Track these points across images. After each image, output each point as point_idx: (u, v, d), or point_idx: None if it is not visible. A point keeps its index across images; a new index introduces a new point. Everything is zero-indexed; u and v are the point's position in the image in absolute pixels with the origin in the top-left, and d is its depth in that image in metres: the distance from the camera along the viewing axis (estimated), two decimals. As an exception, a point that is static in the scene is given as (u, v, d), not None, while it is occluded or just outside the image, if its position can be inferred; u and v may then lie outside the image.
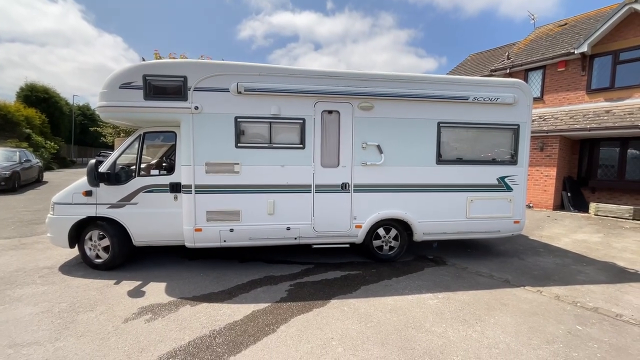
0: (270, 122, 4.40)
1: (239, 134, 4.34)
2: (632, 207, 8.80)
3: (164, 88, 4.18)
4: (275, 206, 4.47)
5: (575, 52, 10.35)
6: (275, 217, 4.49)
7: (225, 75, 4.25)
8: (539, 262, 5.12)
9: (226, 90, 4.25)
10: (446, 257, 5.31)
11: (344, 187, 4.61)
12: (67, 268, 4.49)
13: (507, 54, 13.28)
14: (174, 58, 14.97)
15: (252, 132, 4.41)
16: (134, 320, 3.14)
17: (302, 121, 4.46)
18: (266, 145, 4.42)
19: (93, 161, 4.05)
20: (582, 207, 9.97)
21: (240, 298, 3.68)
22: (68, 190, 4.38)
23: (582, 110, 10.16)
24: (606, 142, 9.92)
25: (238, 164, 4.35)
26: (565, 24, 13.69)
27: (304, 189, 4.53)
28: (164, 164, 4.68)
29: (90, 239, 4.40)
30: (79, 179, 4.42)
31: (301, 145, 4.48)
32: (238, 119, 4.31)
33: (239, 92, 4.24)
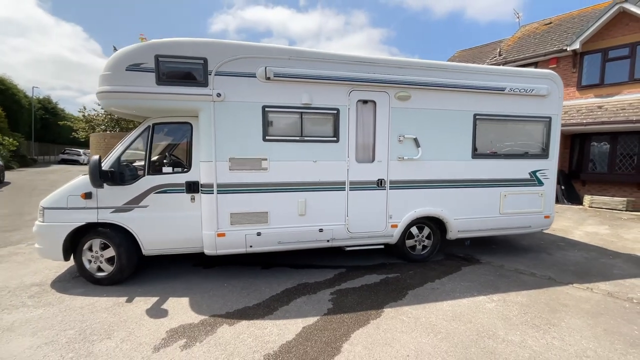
0: (301, 113, 3.94)
1: (267, 126, 3.84)
2: (624, 198, 9.18)
3: (181, 71, 3.60)
4: (307, 206, 4.03)
5: (568, 49, 10.62)
6: (306, 218, 4.05)
7: (251, 59, 3.73)
8: (568, 257, 5.06)
9: (252, 75, 3.74)
10: (475, 254, 5.12)
11: (379, 184, 4.25)
12: (61, 284, 3.80)
13: (498, 50, 13.49)
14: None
15: (281, 123, 3.93)
16: (167, 348, 2.61)
17: (336, 112, 4.03)
18: (297, 138, 3.95)
19: (96, 157, 3.39)
20: (575, 200, 10.31)
21: (281, 312, 3.22)
22: (61, 193, 3.68)
23: (575, 106, 10.46)
24: (597, 136, 10.28)
25: (266, 159, 3.86)
26: (550, 22, 14.09)
27: (337, 186, 4.12)
28: (177, 161, 4.07)
29: (90, 249, 3.74)
30: (76, 178, 3.74)
31: (335, 139, 4.06)
32: (266, 109, 3.81)
33: (268, 78, 3.74)
